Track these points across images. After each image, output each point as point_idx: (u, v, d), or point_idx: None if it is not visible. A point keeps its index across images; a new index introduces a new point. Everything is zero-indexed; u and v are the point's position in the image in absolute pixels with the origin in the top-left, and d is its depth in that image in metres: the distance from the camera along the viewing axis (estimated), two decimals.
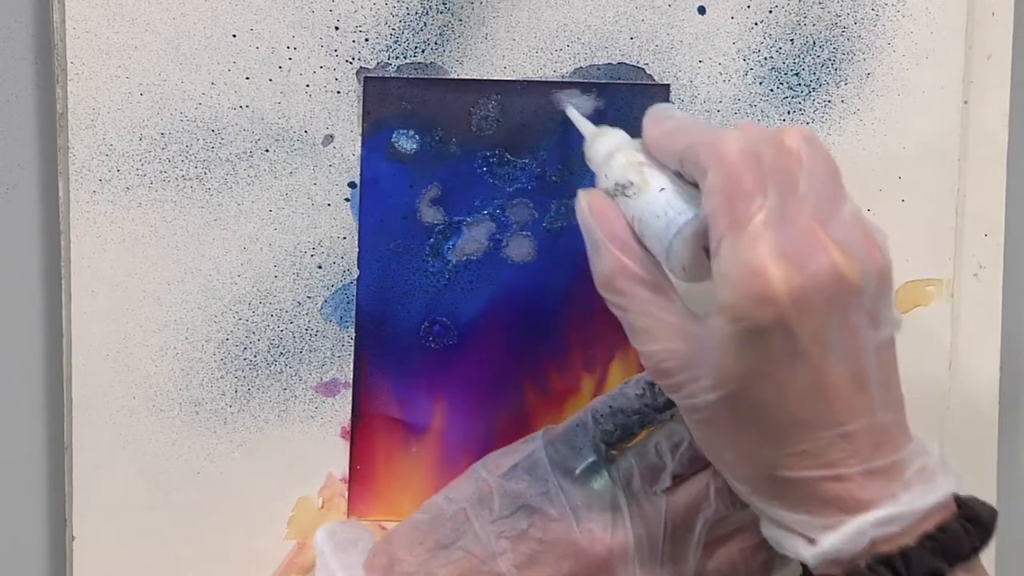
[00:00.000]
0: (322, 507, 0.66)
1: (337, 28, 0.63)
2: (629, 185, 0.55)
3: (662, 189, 0.54)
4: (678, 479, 0.60)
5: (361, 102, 0.63)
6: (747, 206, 0.51)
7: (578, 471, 0.60)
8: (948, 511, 0.54)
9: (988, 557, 0.69)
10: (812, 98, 0.66)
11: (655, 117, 0.57)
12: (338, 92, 0.63)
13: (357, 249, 0.65)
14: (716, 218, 0.52)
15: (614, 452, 0.60)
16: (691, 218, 0.53)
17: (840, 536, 0.53)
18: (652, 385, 0.60)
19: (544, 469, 0.60)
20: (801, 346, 0.51)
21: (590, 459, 0.60)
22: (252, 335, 0.65)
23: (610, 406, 0.60)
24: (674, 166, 0.55)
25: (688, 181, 0.55)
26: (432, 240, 0.65)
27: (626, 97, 0.65)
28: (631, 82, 0.65)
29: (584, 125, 0.61)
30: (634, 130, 0.58)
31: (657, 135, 0.56)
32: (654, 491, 0.59)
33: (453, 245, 0.65)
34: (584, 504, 0.59)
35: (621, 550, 0.59)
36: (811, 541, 0.53)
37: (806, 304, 0.51)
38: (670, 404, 0.59)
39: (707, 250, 0.53)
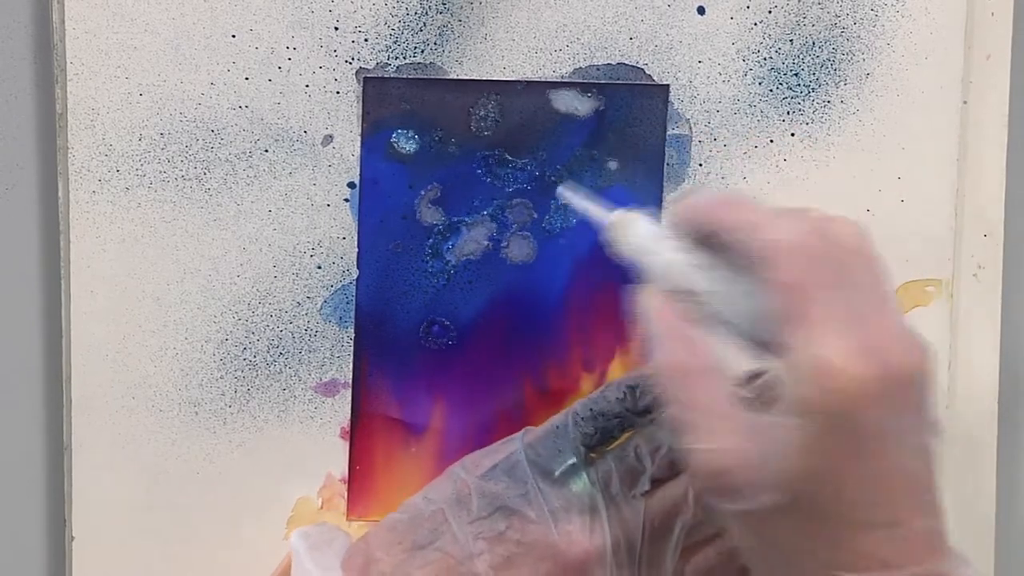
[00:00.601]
0: (321, 507, 0.66)
1: (336, 28, 0.63)
2: (691, 292, 0.54)
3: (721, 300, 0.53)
4: (657, 483, 0.60)
5: (360, 102, 0.63)
6: (814, 300, 0.50)
7: (557, 473, 0.59)
8: None
9: (987, 557, 0.70)
10: (811, 98, 0.66)
11: (705, 199, 0.55)
12: (337, 92, 0.63)
13: (356, 249, 0.65)
14: (785, 312, 0.51)
15: (593, 455, 0.60)
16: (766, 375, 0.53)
17: None
18: (633, 389, 0.60)
19: (523, 471, 0.60)
20: (868, 442, 0.50)
21: (569, 461, 0.60)
22: (251, 335, 0.65)
23: (591, 409, 0.60)
24: (728, 240, 0.53)
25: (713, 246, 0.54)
26: (431, 240, 0.65)
27: (625, 97, 0.65)
28: (630, 82, 0.65)
29: (596, 212, 0.59)
30: (634, 130, 0.58)
31: (711, 214, 0.54)
32: (633, 494, 0.59)
33: (452, 245, 0.65)
34: (563, 506, 0.59)
35: (599, 553, 0.59)
36: None
37: (876, 399, 0.50)
38: (650, 409, 0.59)
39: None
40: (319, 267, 0.65)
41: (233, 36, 0.62)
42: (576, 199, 0.60)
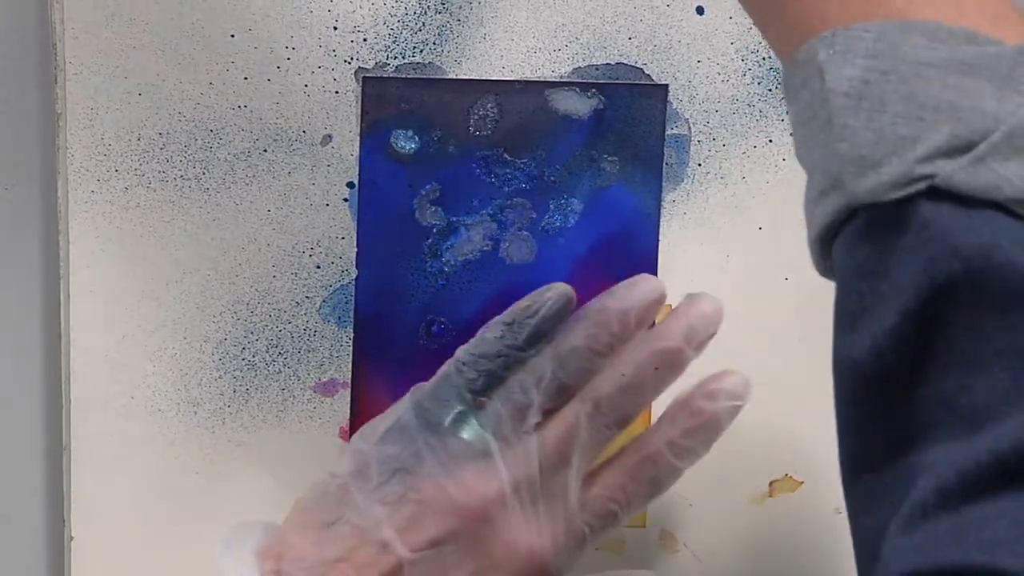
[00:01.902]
0: None
1: (335, 28, 0.63)
2: None
3: None
4: (547, 414, 0.59)
5: (359, 102, 0.63)
6: None
7: (446, 423, 0.59)
8: None
9: None
10: None
11: None
12: (336, 92, 0.63)
13: (355, 249, 0.65)
14: None
15: (483, 399, 0.59)
16: None
17: None
18: (510, 325, 0.59)
19: (414, 428, 0.59)
20: None
21: (456, 410, 0.59)
22: (250, 335, 0.65)
23: (471, 353, 0.59)
24: None
25: None
26: (431, 240, 0.65)
27: (625, 97, 0.65)
28: (630, 82, 0.65)
29: None
30: (633, 130, 0.58)
31: None
32: (524, 431, 0.59)
33: (452, 245, 0.65)
34: (455, 456, 0.59)
35: (498, 497, 0.58)
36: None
37: None
38: (532, 342, 0.59)
39: None
40: (318, 267, 0.65)
41: (232, 36, 0.62)
42: None
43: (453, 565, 0.58)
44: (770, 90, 0.65)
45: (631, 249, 0.66)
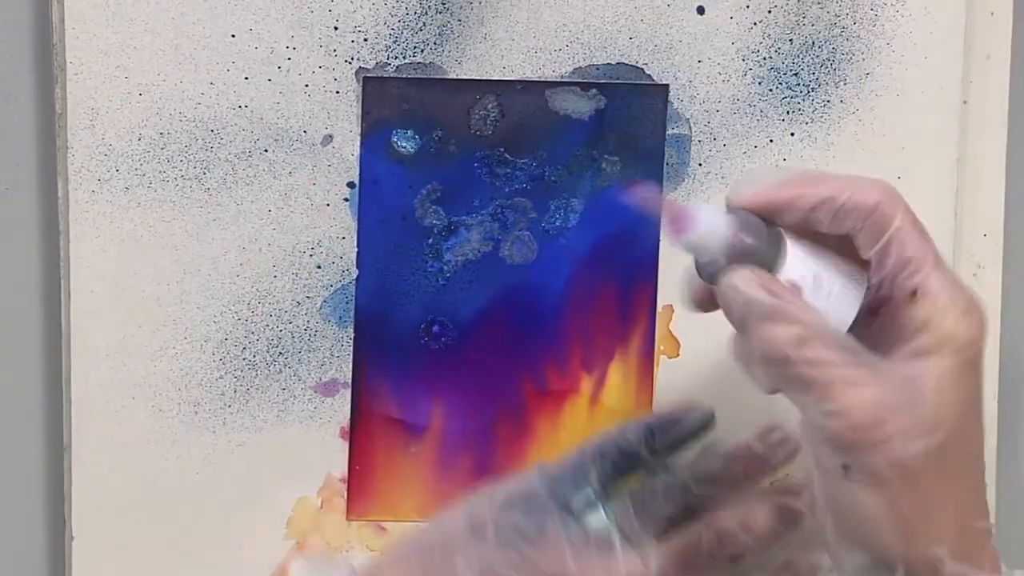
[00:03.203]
0: (321, 507, 0.66)
1: (336, 28, 0.63)
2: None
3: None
4: (671, 526, 0.59)
5: (360, 102, 0.63)
6: (931, 248, 0.52)
7: (576, 508, 0.59)
8: None
9: None
10: (811, 98, 0.66)
11: (758, 183, 0.55)
12: (337, 92, 0.63)
13: (356, 249, 0.65)
14: (917, 262, 0.52)
15: (610, 491, 0.60)
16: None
17: None
18: (652, 431, 0.60)
19: (541, 503, 0.59)
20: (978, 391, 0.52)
21: (588, 497, 0.59)
22: (251, 335, 0.65)
23: (611, 445, 0.60)
24: (801, 220, 0.54)
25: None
26: (431, 240, 0.65)
27: (625, 97, 0.65)
28: (630, 82, 0.65)
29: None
30: (634, 130, 0.58)
31: (774, 195, 0.54)
32: (648, 535, 0.59)
33: (452, 245, 0.65)
34: (580, 541, 0.59)
35: None
36: None
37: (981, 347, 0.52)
38: (669, 451, 0.59)
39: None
40: (319, 267, 0.65)
41: (233, 36, 0.62)
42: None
43: None
44: (771, 90, 0.65)
45: (631, 249, 0.66)
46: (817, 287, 0.53)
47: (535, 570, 0.58)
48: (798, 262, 0.53)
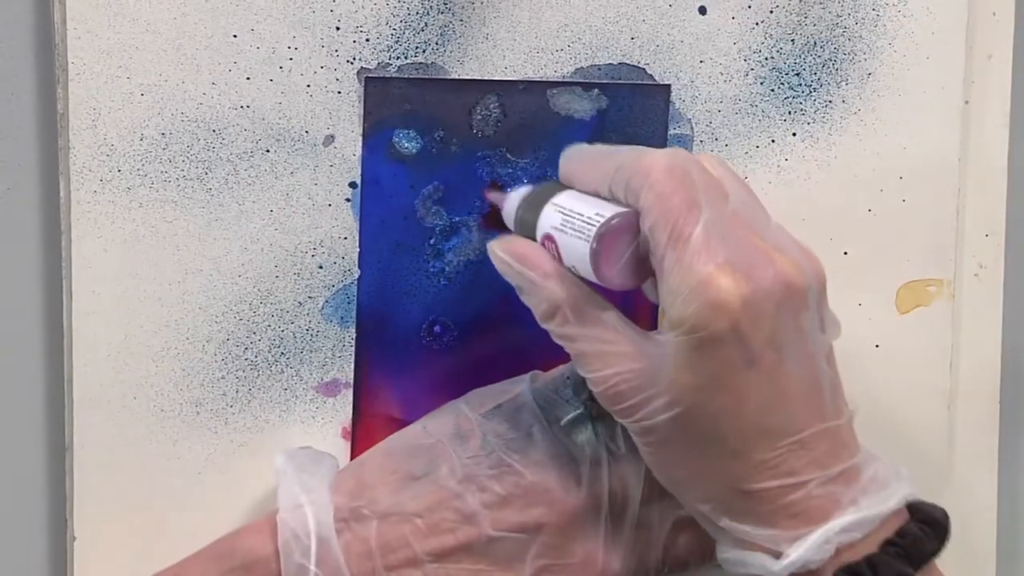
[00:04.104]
0: None
1: (338, 28, 0.63)
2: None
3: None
4: None
5: (362, 102, 0.63)
6: (687, 219, 0.52)
7: (563, 421, 0.59)
8: (903, 516, 0.55)
9: (988, 558, 0.70)
10: (813, 98, 0.66)
11: (570, 154, 0.59)
12: (339, 92, 0.63)
13: (358, 249, 0.65)
14: (657, 234, 0.53)
15: (599, 410, 0.60)
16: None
17: (806, 546, 0.53)
18: None
19: (528, 414, 0.60)
20: (755, 353, 0.52)
21: (577, 411, 0.60)
22: (253, 335, 0.65)
23: None
24: (603, 193, 0.56)
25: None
26: (433, 240, 0.65)
27: (627, 97, 0.65)
28: (632, 82, 0.65)
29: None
30: (635, 130, 0.58)
31: (579, 167, 0.57)
32: (635, 454, 0.59)
33: (454, 245, 0.65)
34: (565, 454, 0.59)
35: (594, 506, 0.59)
36: (777, 555, 0.53)
37: (758, 310, 0.52)
38: None
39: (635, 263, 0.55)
40: (320, 267, 0.65)
41: (234, 36, 0.62)
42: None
43: (525, 555, 0.58)
44: (772, 90, 0.65)
45: None
46: (564, 231, 0.56)
47: (518, 480, 0.59)
48: (552, 210, 0.57)
